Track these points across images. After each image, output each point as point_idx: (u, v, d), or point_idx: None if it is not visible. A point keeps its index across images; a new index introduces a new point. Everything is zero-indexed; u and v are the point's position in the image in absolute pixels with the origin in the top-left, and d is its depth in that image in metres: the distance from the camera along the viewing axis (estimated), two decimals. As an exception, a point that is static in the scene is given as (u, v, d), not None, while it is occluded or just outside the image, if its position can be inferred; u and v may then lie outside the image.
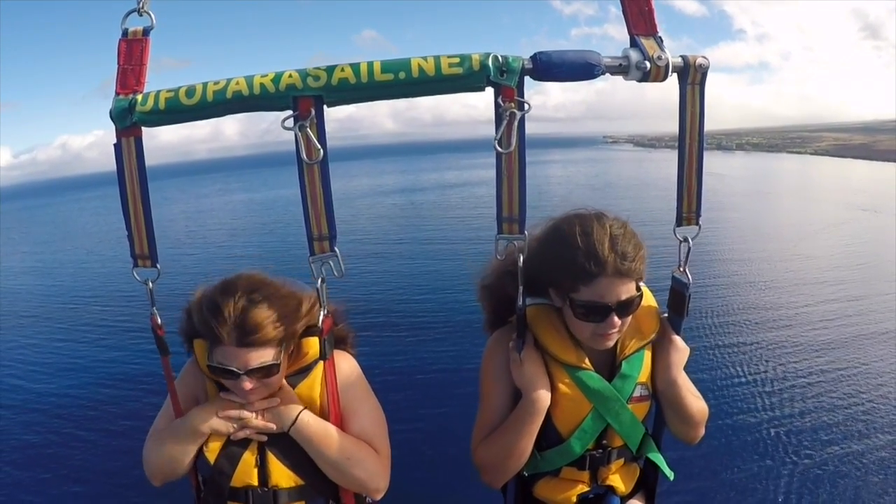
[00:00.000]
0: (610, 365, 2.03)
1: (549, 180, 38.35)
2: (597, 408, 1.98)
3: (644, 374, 2.03)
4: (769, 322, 9.11)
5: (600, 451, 2.07)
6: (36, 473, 5.79)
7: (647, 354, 2.05)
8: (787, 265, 12.93)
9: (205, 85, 1.61)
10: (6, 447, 6.30)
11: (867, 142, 74.61)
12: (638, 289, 1.89)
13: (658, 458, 2.15)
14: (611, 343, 1.95)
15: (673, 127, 1.80)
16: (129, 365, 8.22)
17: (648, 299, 2.07)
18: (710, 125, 1.77)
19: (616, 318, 1.86)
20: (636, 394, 2.01)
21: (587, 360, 2.00)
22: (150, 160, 1.70)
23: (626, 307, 1.87)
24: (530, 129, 1.67)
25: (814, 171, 45.48)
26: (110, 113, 1.66)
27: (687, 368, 2.12)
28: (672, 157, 1.83)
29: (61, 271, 17.17)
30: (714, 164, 50.07)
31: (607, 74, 1.70)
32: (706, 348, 7.89)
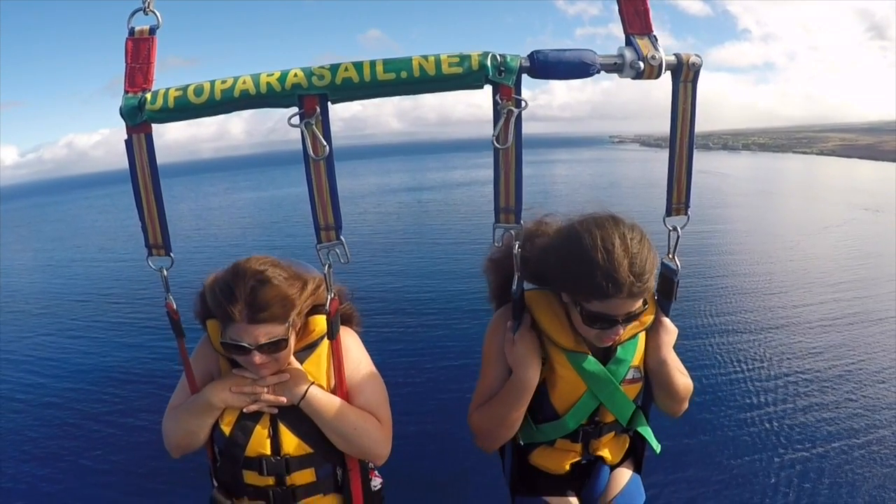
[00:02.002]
0: (605, 348, 2.13)
1: (554, 180, 38.41)
2: (591, 389, 2.11)
3: (637, 357, 2.15)
4: (768, 320, 9.12)
5: (592, 426, 2.22)
6: (54, 465, 5.92)
7: (642, 339, 2.17)
8: (787, 265, 12.92)
9: (213, 83, 1.67)
10: (25, 440, 6.44)
11: (873, 142, 74.33)
12: (644, 301, 1.99)
13: (647, 432, 2.29)
14: (610, 342, 2.06)
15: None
16: (142, 360, 8.36)
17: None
18: (715, 125, 1.81)
19: (621, 329, 1.99)
20: (629, 376, 2.14)
21: (584, 344, 2.10)
22: (156, 158, 1.76)
23: (633, 319, 1.98)
24: (536, 128, 1.71)
25: (819, 172, 45.37)
26: (120, 110, 1.71)
27: (687, 365, 2.25)
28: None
29: (74, 268, 17.28)
30: (719, 164, 50.04)
31: (606, 73, 1.76)
32: (707, 344, 7.98)
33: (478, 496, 4.78)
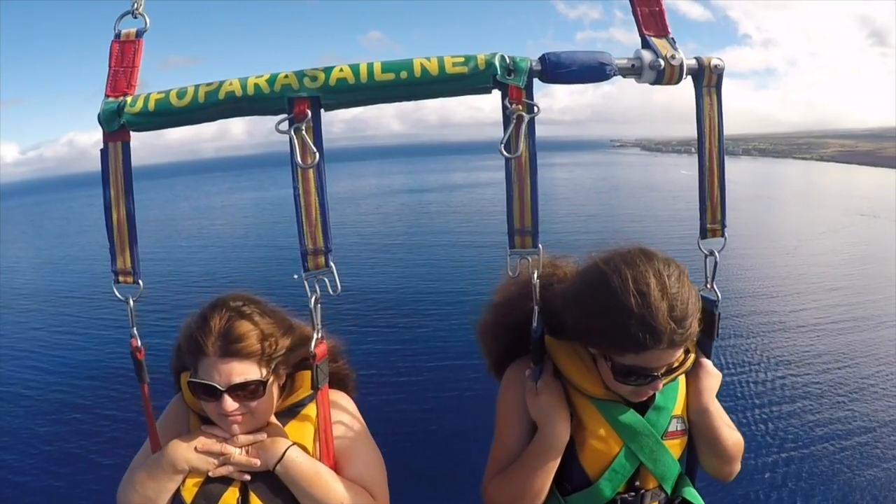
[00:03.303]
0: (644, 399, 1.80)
1: (554, 183, 38.47)
2: (629, 445, 1.76)
3: (679, 406, 1.81)
4: (765, 323, 9.19)
5: (632, 493, 1.81)
6: (62, 459, 6.02)
7: (682, 384, 1.83)
8: (785, 270, 12.98)
9: (196, 86, 1.53)
10: (32, 434, 6.51)
11: (873, 149, 74.53)
12: (687, 349, 1.71)
13: (695, 498, 1.88)
14: (647, 397, 1.75)
15: (680, 131, 1.70)
16: (148, 357, 8.36)
17: None
18: (715, 130, 1.66)
19: (660, 383, 1.67)
20: (672, 428, 1.79)
21: (616, 392, 1.77)
22: (157, 158, 1.63)
23: (673, 371, 1.70)
24: (536, 131, 1.56)
25: (818, 178, 45.64)
26: (98, 116, 1.58)
27: None
28: (680, 161, 1.75)
29: (76, 265, 17.31)
30: (720, 169, 50.34)
31: (615, 76, 1.60)
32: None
33: (477, 494, 4.74)
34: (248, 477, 1.69)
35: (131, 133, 1.61)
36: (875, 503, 4.86)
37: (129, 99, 1.57)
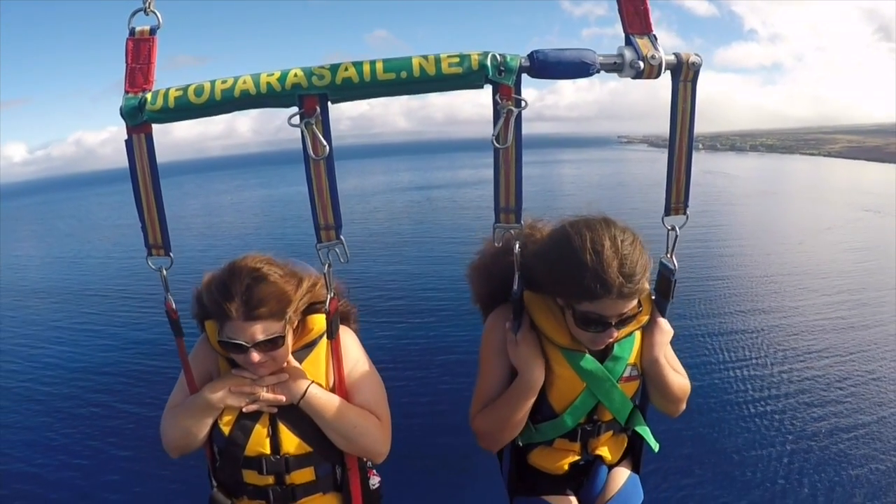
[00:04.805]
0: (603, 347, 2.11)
1: (562, 180, 38.45)
2: (589, 387, 2.11)
3: (634, 355, 2.14)
4: (770, 319, 9.19)
5: (591, 425, 2.22)
6: (83, 440, 6.24)
7: (638, 337, 2.15)
8: (790, 266, 12.95)
9: (213, 83, 1.66)
10: (46, 430, 6.62)
11: (880, 144, 73.81)
12: (639, 303, 2.00)
13: (645, 431, 2.29)
14: (604, 345, 2.06)
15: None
16: (156, 354, 8.50)
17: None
18: (723, 126, 1.81)
19: (614, 331, 1.97)
20: (626, 374, 2.13)
21: (581, 342, 2.09)
22: (164, 157, 1.77)
23: (626, 321, 1.97)
24: (543, 128, 1.69)
25: (824, 173, 45.28)
26: (120, 111, 1.71)
27: (686, 353, 2.20)
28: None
29: (88, 263, 17.46)
30: (727, 165, 49.94)
31: (606, 73, 1.75)
32: (709, 342, 8.05)
33: (479, 492, 4.85)
34: (275, 410, 2.04)
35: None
36: (878, 490, 4.93)
37: (149, 96, 1.70)
